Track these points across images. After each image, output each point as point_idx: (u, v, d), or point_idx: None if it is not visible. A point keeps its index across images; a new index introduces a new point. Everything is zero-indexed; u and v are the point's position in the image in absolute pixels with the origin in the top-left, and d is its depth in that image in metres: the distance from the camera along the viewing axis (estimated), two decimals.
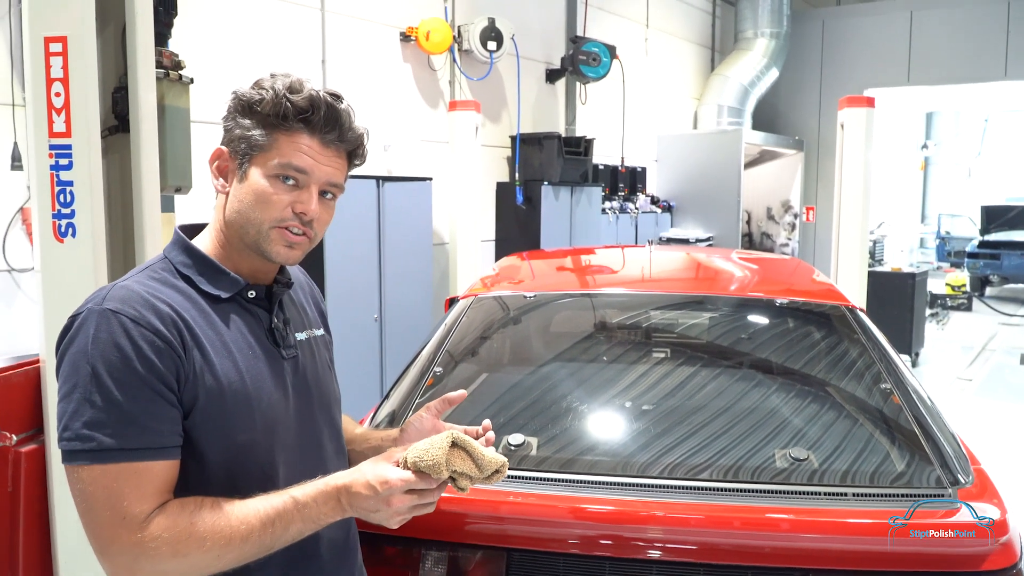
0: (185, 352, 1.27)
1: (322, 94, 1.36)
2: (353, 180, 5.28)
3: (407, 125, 6.41)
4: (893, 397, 2.09)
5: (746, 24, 10.55)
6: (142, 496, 1.20)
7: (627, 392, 2.23)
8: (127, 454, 1.20)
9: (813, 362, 2.36)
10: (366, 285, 5.50)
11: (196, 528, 1.21)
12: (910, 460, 1.89)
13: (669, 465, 1.88)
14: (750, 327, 2.59)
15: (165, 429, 1.24)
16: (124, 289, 1.29)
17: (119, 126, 2.23)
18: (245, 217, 1.36)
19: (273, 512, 1.24)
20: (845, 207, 5.82)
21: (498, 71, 7.25)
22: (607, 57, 7.90)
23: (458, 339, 2.46)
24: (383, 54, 6.24)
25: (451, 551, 1.82)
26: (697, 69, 10.95)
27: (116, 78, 2.21)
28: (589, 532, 1.74)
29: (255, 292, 1.42)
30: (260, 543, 1.24)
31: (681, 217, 9.98)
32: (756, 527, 1.69)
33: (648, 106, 9.79)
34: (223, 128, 1.39)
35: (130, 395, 1.21)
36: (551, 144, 7.15)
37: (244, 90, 1.37)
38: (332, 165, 1.39)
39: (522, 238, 7.23)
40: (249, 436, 1.34)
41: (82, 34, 1.92)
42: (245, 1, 5.17)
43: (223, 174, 1.40)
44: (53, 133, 1.92)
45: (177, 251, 1.40)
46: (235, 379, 1.32)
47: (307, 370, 1.49)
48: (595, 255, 3.65)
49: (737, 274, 3.09)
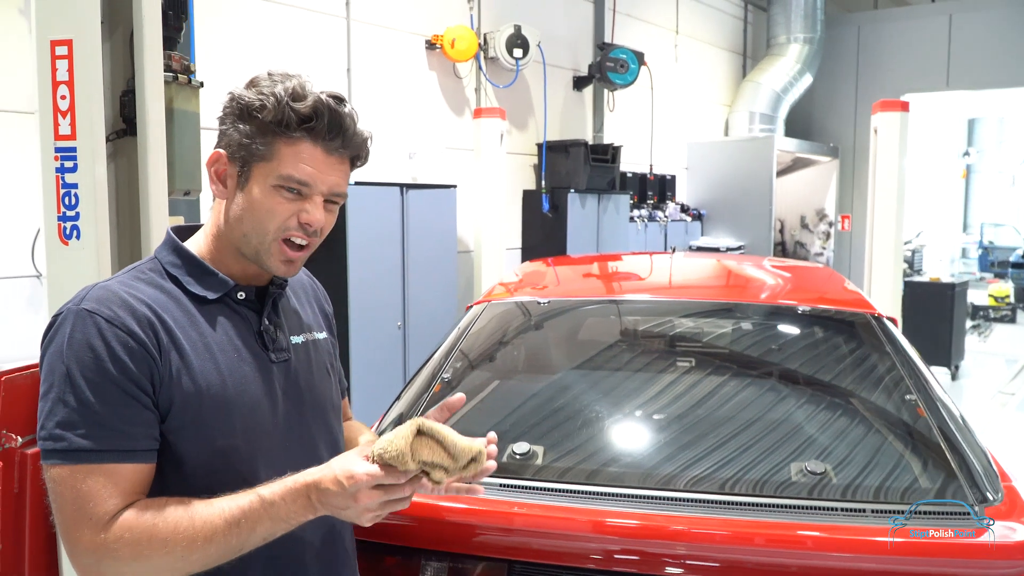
0: (161, 354, 1.24)
1: (325, 99, 1.32)
2: (377, 188, 5.29)
3: (432, 133, 6.41)
4: (919, 410, 2.00)
5: (779, 30, 10.40)
6: (108, 497, 1.17)
7: (637, 401, 2.16)
8: (96, 455, 1.18)
9: (835, 372, 2.27)
10: (389, 292, 5.49)
11: (158, 530, 1.17)
12: (935, 476, 1.80)
13: (675, 477, 1.81)
14: (770, 335, 2.51)
15: (136, 432, 1.21)
16: (103, 289, 1.26)
17: (127, 129, 2.22)
18: (248, 227, 1.33)
19: (239, 512, 1.19)
20: (879, 215, 5.68)
21: (524, 78, 7.22)
22: (635, 64, 7.83)
23: (468, 345, 2.41)
24: (408, 62, 6.24)
25: (451, 562, 1.77)
26: (728, 75, 10.83)
27: (124, 81, 2.21)
28: (592, 545, 1.67)
29: (244, 293, 1.38)
30: (226, 544, 1.19)
31: (712, 225, 9.86)
32: (761, 543, 1.61)
33: (678, 113, 9.69)
34: (219, 131, 1.35)
35: (101, 397, 1.18)
36: (577, 151, 7.10)
37: (242, 92, 1.32)
38: (335, 174, 1.35)
39: (548, 246, 7.18)
40: (228, 441, 1.29)
41: (87, 37, 1.91)
42: (271, 11, 5.20)
43: (221, 178, 1.36)
44: (59, 136, 1.91)
45: (167, 251, 1.38)
46: (215, 382, 1.29)
47: (299, 374, 1.45)
48: (616, 262, 3.58)
49: (759, 281, 3.00)
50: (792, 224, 11.38)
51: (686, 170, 10.00)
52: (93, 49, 1.92)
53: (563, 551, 1.69)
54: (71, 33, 1.87)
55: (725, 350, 2.43)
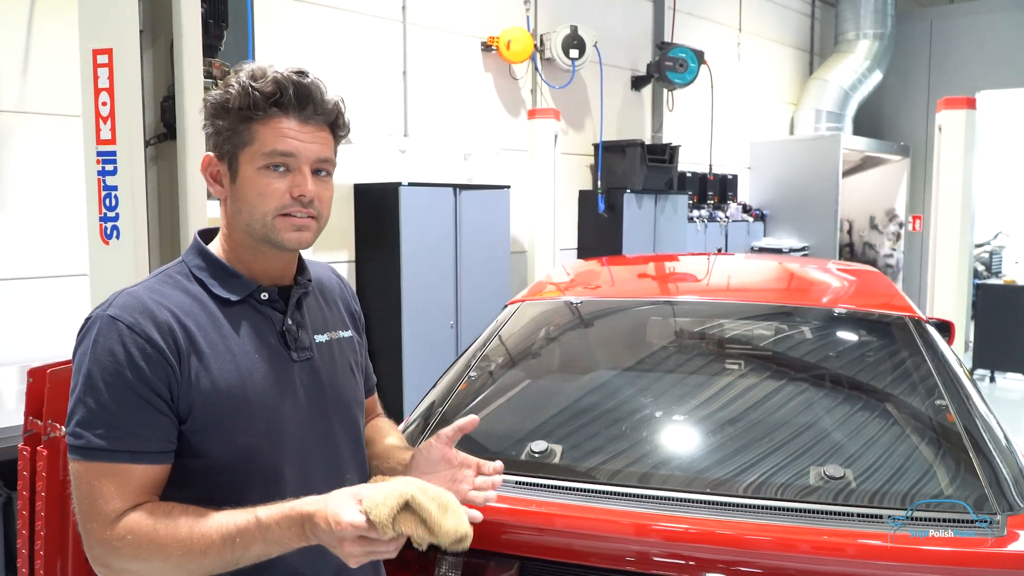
0: (180, 360, 1.28)
1: (286, 73, 1.35)
2: (430, 188, 5.36)
3: (487, 134, 6.46)
4: (948, 415, 1.95)
5: (847, 25, 10.14)
6: (117, 496, 1.23)
7: (659, 402, 2.16)
8: (109, 455, 1.24)
9: (864, 375, 2.23)
10: (442, 292, 5.55)
11: (158, 535, 1.22)
12: (959, 483, 1.75)
13: (691, 480, 1.81)
14: (801, 337, 2.47)
15: (149, 434, 1.26)
16: (129, 295, 1.32)
17: (167, 134, 2.33)
18: (248, 214, 1.36)
19: (235, 530, 1.22)
20: (942, 215, 5.52)
21: (581, 79, 7.22)
22: (694, 62, 7.75)
23: (498, 344, 2.44)
24: (464, 64, 6.31)
25: (466, 556, 1.79)
26: (794, 73, 10.61)
27: (165, 88, 2.31)
28: (602, 545, 1.68)
29: (268, 294, 1.41)
30: (220, 558, 1.23)
31: (775, 226, 9.68)
32: (761, 547, 1.59)
33: (740, 112, 9.55)
34: (205, 136, 1.40)
35: (118, 399, 1.24)
36: (634, 151, 7.07)
37: (212, 92, 1.37)
38: (317, 141, 1.37)
39: (604, 246, 7.17)
40: (250, 439, 1.33)
41: (126, 46, 2.02)
42: (328, 16, 5.32)
43: (217, 179, 1.40)
44: (100, 140, 2.02)
45: (193, 254, 1.42)
46: (234, 383, 1.32)
47: (322, 372, 1.47)
48: (659, 263, 3.56)
49: (796, 283, 2.96)
50: (861, 225, 11.09)
51: (748, 170, 9.84)
52: (132, 57, 2.03)
53: (573, 550, 1.70)
54: (111, 42, 1.98)
55: (754, 352, 2.41)
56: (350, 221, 5.55)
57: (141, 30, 2.12)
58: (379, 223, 5.39)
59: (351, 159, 5.46)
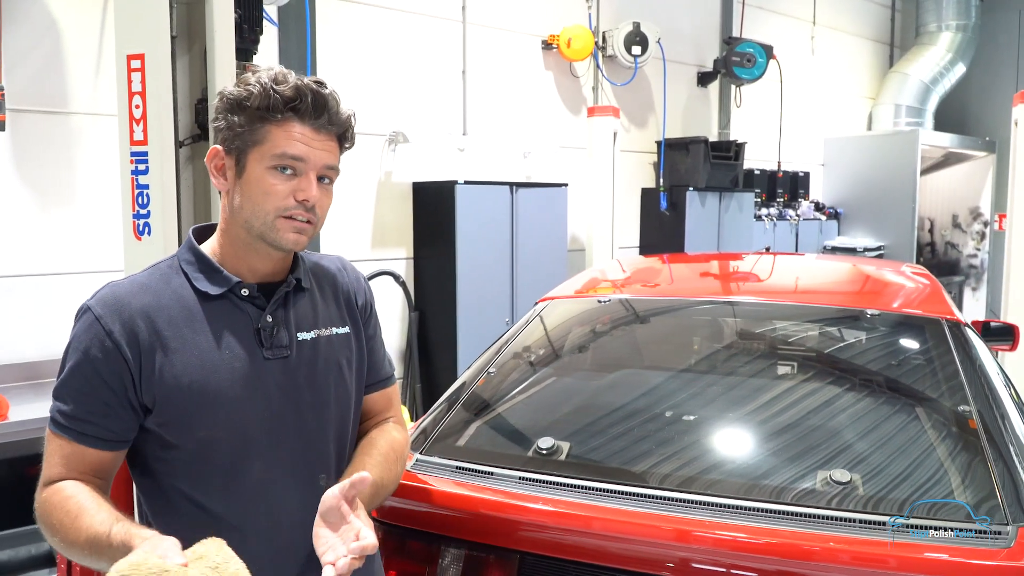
0: (141, 356, 1.36)
1: (306, 82, 1.41)
2: (486, 187, 5.41)
3: (547, 132, 6.47)
4: (970, 422, 1.88)
5: (928, 17, 9.76)
6: (61, 465, 1.36)
7: (669, 402, 2.14)
8: (62, 429, 1.37)
9: (887, 376, 2.17)
10: (498, 288, 5.60)
11: (51, 515, 1.33)
12: (970, 490, 1.69)
13: (691, 480, 1.79)
14: (829, 338, 2.41)
15: (93, 421, 1.36)
16: (110, 289, 1.41)
17: (201, 134, 2.44)
18: (250, 210, 1.40)
19: (94, 537, 1.27)
20: (1018, 213, 5.27)
21: (644, 76, 7.16)
22: (763, 57, 7.59)
23: (521, 341, 2.46)
24: (524, 63, 6.34)
25: (468, 549, 1.82)
26: (872, 67, 10.27)
27: (200, 91, 2.42)
28: (597, 542, 1.69)
29: (248, 290, 1.45)
30: (83, 556, 1.31)
31: (849, 225, 9.39)
32: (755, 550, 1.57)
33: (814, 108, 9.30)
34: (213, 128, 1.46)
35: (75, 385, 1.37)
36: (697, 149, 6.97)
37: (231, 88, 1.42)
38: (326, 149, 1.43)
39: (666, 244, 7.10)
40: (210, 432, 1.39)
41: (158, 51, 2.13)
42: (388, 17, 5.42)
43: (221, 172, 1.46)
44: (133, 141, 2.14)
45: (184, 249, 1.50)
46: (197, 377, 1.38)
47: (300, 370, 1.48)
48: (704, 262, 3.52)
49: (831, 282, 2.88)
50: (943, 223, 10.66)
51: (822, 166, 9.58)
52: (163, 62, 2.14)
53: (569, 545, 1.71)
54: (144, 48, 2.10)
55: (778, 353, 2.36)
56: (408, 219, 5.64)
57: (175, 36, 2.24)
58: (436, 221, 5.48)
59: (410, 158, 5.55)
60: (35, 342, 3.92)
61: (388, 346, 5.98)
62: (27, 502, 1.42)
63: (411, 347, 5.55)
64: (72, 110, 4.03)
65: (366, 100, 5.29)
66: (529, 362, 2.39)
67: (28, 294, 3.93)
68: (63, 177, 4.03)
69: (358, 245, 5.40)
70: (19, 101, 3.85)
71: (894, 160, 9.05)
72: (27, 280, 3.95)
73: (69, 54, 4.01)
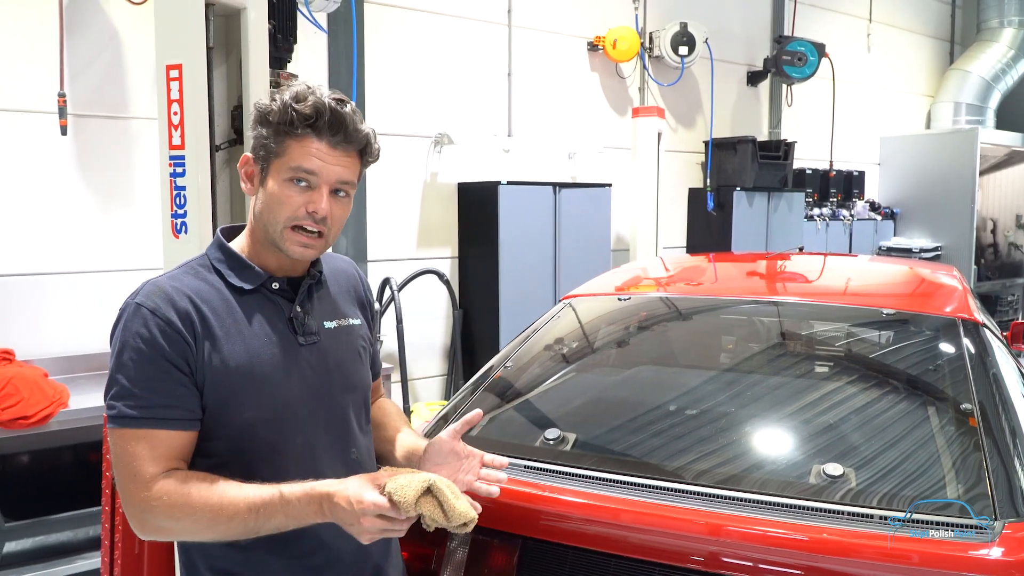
0: (196, 340, 1.47)
1: (326, 100, 1.50)
2: (529, 187, 5.50)
3: (593, 133, 6.52)
4: (971, 420, 1.90)
5: (990, 13, 9.51)
6: (150, 459, 1.42)
7: (675, 397, 2.20)
8: (139, 422, 1.43)
9: (898, 375, 2.18)
10: (541, 287, 5.68)
11: (191, 499, 1.40)
12: (962, 486, 1.71)
13: (693, 470, 1.85)
14: (845, 336, 2.43)
15: (173, 403, 1.45)
16: (153, 285, 1.52)
17: (237, 139, 2.59)
18: (266, 217, 1.54)
19: (260, 502, 1.40)
20: None
21: (692, 76, 7.16)
22: (814, 56, 7.50)
23: (539, 338, 2.54)
24: (570, 64, 6.40)
25: (475, 533, 1.90)
26: (931, 64, 10.04)
27: (236, 97, 2.57)
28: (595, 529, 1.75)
29: (278, 284, 1.59)
30: (244, 525, 1.40)
31: (906, 225, 9.20)
32: (745, 538, 1.62)
33: (869, 106, 9.15)
34: (250, 137, 1.59)
35: (144, 374, 1.44)
36: (745, 149, 6.94)
37: (260, 102, 1.55)
38: (341, 164, 1.53)
39: (713, 244, 7.08)
40: (254, 413, 1.51)
41: (194, 61, 2.29)
42: (435, 22, 5.55)
43: (249, 178, 1.59)
44: (172, 146, 2.30)
45: (214, 248, 1.62)
46: (242, 362, 1.50)
47: (330, 355, 1.62)
48: (727, 261, 3.55)
49: (852, 282, 2.89)
50: (1006, 224, 10.34)
51: (878, 166, 9.41)
52: (199, 72, 2.29)
53: (569, 531, 1.78)
54: (181, 58, 2.25)
55: (794, 351, 2.40)
56: (454, 219, 5.77)
57: (212, 47, 2.38)
58: (479, 221, 5.59)
59: (455, 159, 5.68)
60: (97, 335, 4.15)
61: (432, 343, 6.09)
62: (88, 486, 1.51)
63: (455, 345, 5.67)
64: (131, 115, 4.26)
65: (412, 103, 5.44)
66: (543, 358, 2.47)
67: (90, 290, 4.17)
68: (123, 179, 4.25)
69: (404, 244, 5.54)
70: (83, 107, 4.09)
71: (953, 159, 8.84)
72: (89, 276, 4.18)
73: (129, 62, 4.23)
